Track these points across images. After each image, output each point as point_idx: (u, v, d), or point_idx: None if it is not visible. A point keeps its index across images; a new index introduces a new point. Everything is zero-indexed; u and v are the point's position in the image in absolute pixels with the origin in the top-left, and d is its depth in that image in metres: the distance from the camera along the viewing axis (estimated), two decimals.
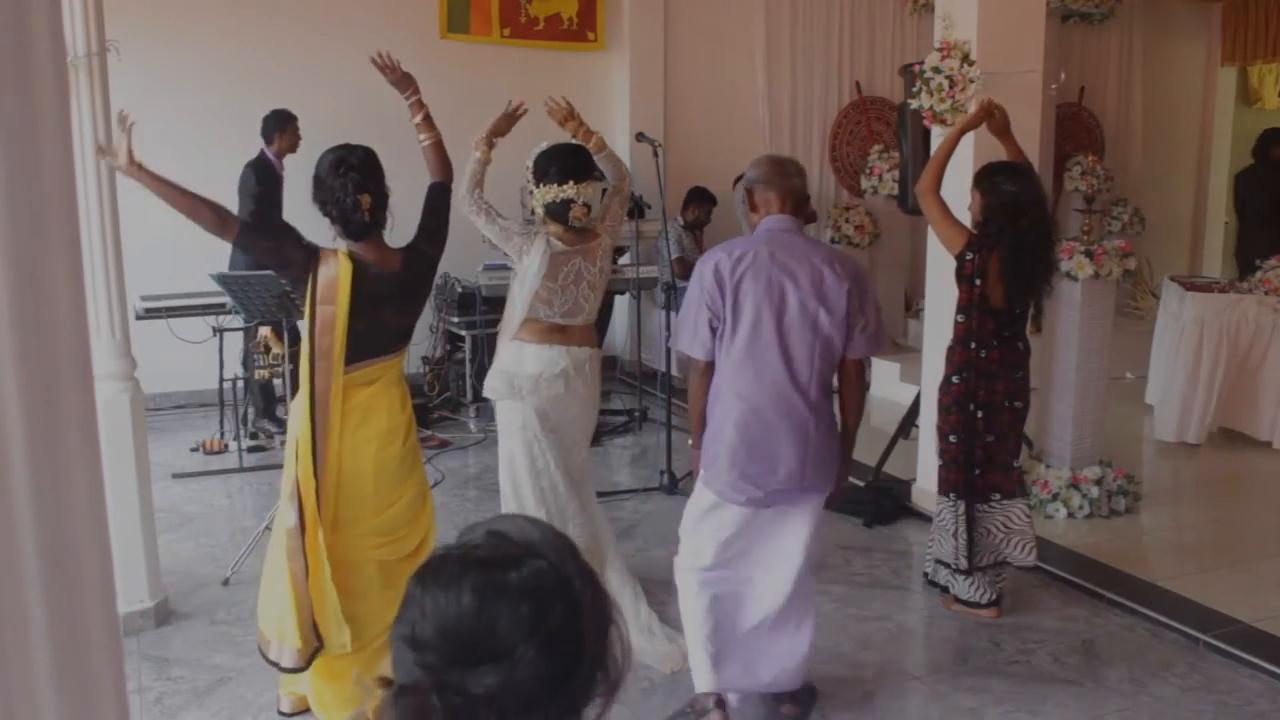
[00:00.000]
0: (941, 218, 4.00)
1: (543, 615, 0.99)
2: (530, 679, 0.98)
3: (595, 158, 3.75)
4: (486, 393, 3.81)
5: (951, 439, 3.98)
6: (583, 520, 3.85)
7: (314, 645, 3.11)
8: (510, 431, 3.76)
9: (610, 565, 3.98)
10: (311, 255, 3.08)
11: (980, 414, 3.93)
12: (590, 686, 1.03)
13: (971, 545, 3.99)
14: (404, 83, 3.46)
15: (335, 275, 3.04)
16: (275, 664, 3.18)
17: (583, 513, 3.84)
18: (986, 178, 3.92)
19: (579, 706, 1.03)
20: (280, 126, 6.39)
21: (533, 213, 3.82)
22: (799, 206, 3.19)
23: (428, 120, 3.44)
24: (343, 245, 3.15)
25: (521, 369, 3.68)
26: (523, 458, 3.73)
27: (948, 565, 4.05)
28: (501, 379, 3.72)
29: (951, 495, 4.00)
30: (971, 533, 3.99)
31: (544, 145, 3.77)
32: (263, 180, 6.23)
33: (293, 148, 6.44)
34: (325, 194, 3.06)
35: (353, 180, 3.03)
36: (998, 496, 3.99)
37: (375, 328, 3.11)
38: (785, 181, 3.14)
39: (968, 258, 3.89)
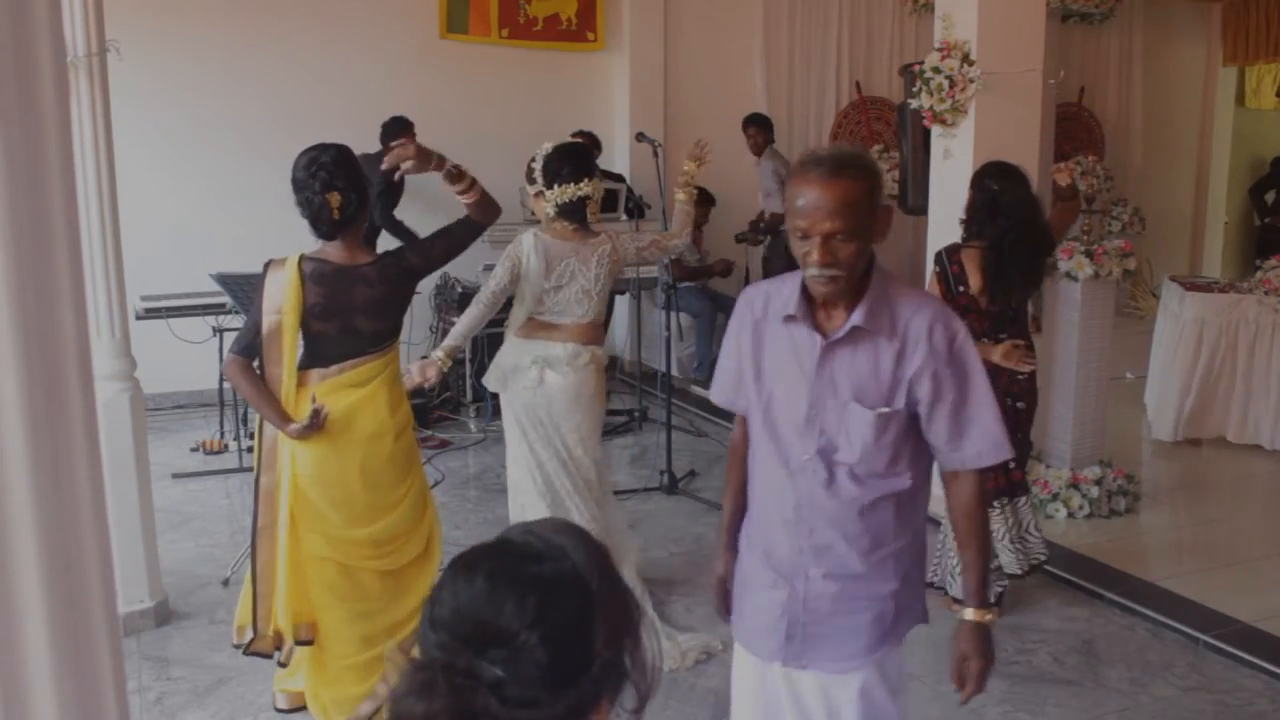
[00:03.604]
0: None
1: (548, 608, 1.02)
2: (533, 670, 1.00)
3: (678, 204, 3.97)
4: (485, 384, 4.00)
5: None
6: (590, 516, 3.86)
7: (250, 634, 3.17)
8: (506, 424, 3.88)
9: (621, 556, 4.00)
10: (264, 273, 3.09)
11: None
12: (600, 693, 1.05)
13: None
14: (423, 161, 3.09)
15: (283, 282, 3.02)
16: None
17: (589, 508, 3.85)
18: (976, 176, 3.97)
19: (586, 711, 1.04)
20: (397, 133, 6.64)
21: (532, 214, 3.85)
22: None
23: (458, 177, 3.13)
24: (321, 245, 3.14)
25: (503, 361, 3.81)
26: (516, 449, 3.83)
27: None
28: (494, 371, 3.88)
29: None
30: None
31: (547, 147, 3.78)
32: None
33: None
34: (299, 194, 3.04)
35: (321, 179, 3.00)
36: (1005, 500, 4.03)
37: (345, 330, 3.06)
38: None
39: (935, 269, 3.95)
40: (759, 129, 7.77)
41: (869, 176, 1.98)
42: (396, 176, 3.16)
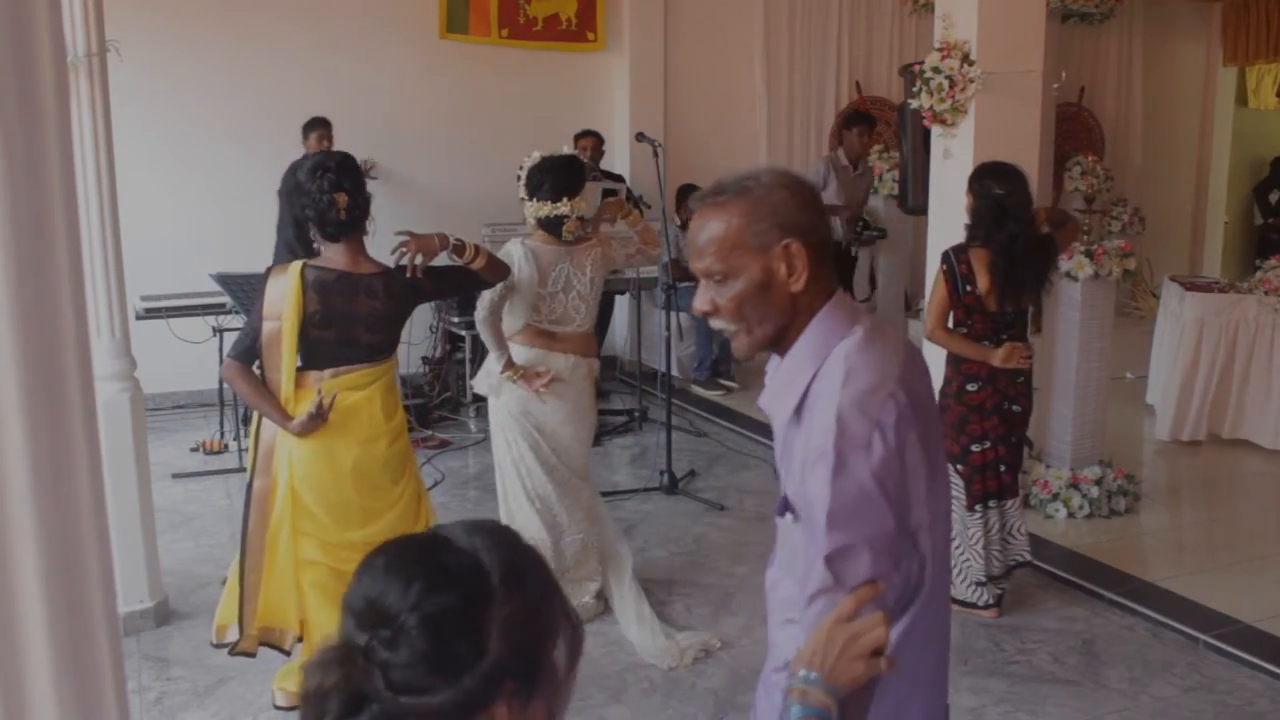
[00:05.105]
0: (943, 308, 4.00)
1: (431, 594, 1.04)
2: (412, 655, 1.03)
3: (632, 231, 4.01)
4: (473, 387, 3.98)
5: (974, 448, 3.97)
6: (579, 519, 3.88)
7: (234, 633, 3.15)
8: (495, 429, 3.87)
9: (615, 564, 4.00)
10: (265, 279, 3.10)
11: (995, 418, 3.96)
12: (492, 694, 1.05)
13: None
14: (431, 251, 3.18)
15: (284, 288, 3.02)
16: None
17: (577, 513, 3.87)
18: (976, 179, 3.95)
19: (477, 709, 1.05)
20: (308, 132, 6.48)
21: (524, 222, 3.87)
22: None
23: (463, 249, 3.24)
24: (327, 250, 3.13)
25: (500, 367, 3.77)
26: (504, 456, 3.83)
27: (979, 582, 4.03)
28: (484, 375, 3.85)
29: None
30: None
31: (535, 156, 3.80)
32: None
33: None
34: (304, 198, 3.06)
35: (329, 180, 3.03)
36: (993, 503, 4.02)
37: (344, 340, 3.07)
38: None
39: (943, 267, 3.94)
40: (867, 128, 7.72)
41: (747, 205, 1.54)
42: (409, 274, 3.15)
